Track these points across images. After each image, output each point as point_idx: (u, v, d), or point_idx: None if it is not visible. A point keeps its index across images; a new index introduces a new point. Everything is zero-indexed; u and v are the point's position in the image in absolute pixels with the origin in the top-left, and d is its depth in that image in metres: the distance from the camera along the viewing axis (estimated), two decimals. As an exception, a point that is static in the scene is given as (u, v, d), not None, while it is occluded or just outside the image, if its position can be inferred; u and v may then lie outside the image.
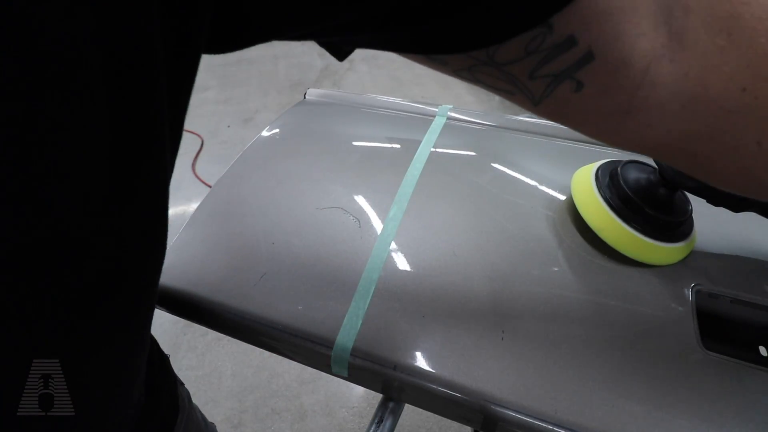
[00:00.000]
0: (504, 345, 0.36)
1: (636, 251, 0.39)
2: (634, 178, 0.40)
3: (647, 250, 0.39)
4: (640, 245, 0.39)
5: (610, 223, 0.39)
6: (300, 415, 1.09)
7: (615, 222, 0.39)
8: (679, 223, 0.40)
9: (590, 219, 0.41)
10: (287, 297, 0.40)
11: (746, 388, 0.33)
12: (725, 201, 0.37)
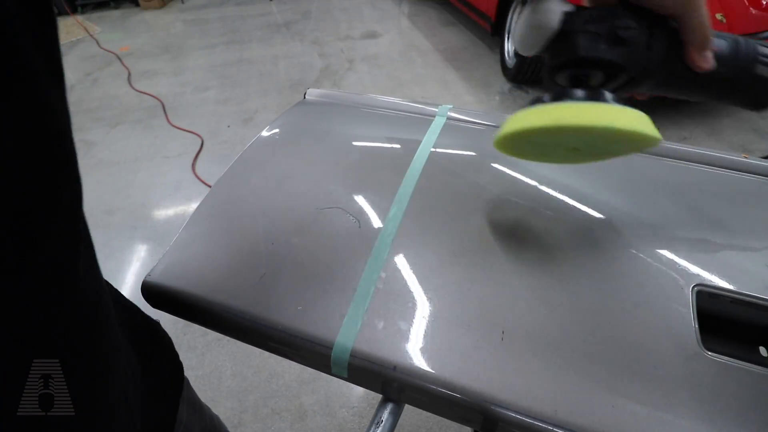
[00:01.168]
0: (504, 345, 0.36)
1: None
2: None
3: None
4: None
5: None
6: (300, 415, 1.09)
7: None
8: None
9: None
10: (287, 297, 0.40)
11: (746, 388, 0.33)
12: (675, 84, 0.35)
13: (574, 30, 0.32)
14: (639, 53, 0.32)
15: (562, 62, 0.33)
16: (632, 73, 0.32)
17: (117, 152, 2.01)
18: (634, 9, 0.32)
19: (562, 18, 0.32)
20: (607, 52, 0.31)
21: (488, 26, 2.60)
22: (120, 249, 1.51)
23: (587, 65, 0.32)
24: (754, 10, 1.93)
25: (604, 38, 0.31)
